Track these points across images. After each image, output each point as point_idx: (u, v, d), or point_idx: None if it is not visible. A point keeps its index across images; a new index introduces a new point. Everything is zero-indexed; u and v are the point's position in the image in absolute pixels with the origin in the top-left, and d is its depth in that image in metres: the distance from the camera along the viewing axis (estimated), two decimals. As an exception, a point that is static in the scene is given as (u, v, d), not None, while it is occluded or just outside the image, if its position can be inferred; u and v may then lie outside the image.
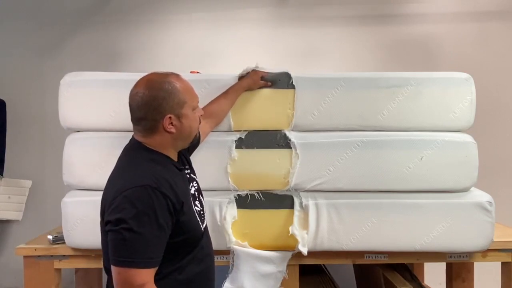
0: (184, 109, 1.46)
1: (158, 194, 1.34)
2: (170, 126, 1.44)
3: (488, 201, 2.08)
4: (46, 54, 3.31)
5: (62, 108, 2.15)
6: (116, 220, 1.31)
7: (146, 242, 1.31)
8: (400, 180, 2.09)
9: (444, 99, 2.11)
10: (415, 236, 2.07)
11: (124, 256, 1.30)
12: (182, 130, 1.47)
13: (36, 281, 2.15)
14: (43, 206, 3.27)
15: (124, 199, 1.32)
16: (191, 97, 1.50)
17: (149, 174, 1.37)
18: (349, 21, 3.30)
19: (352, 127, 2.14)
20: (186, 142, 1.54)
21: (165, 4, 3.32)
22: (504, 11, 3.27)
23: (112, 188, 1.40)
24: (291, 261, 2.12)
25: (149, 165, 1.42)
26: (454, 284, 2.36)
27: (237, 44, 3.28)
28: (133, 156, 1.48)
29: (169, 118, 1.43)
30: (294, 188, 2.12)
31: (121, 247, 1.31)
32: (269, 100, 2.12)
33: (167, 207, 1.35)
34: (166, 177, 1.40)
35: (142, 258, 1.31)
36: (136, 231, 1.30)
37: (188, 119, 1.48)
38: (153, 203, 1.32)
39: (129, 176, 1.39)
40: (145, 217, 1.31)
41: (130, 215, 1.30)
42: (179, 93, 1.45)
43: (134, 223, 1.30)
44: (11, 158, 3.25)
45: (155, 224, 1.32)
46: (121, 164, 1.48)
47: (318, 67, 3.26)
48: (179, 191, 1.41)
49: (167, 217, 1.36)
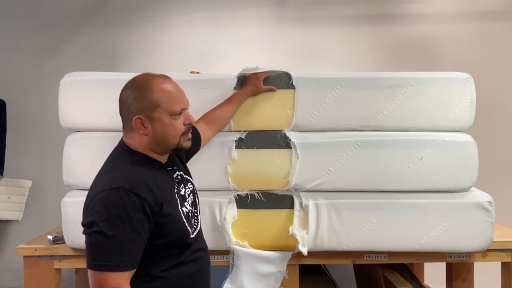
0: (156, 112, 1.40)
1: (132, 196, 1.31)
2: (141, 127, 1.41)
3: (488, 201, 2.08)
4: (46, 54, 3.31)
5: (62, 108, 2.15)
6: (88, 223, 1.30)
7: (119, 245, 1.29)
8: (400, 180, 2.09)
9: (444, 99, 2.11)
10: (415, 236, 2.07)
11: (97, 260, 1.29)
12: (154, 134, 1.42)
13: (36, 281, 2.15)
14: (43, 206, 3.27)
15: (97, 202, 1.31)
16: (169, 101, 1.42)
17: (124, 176, 1.35)
18: (349, 21, 3.30)
19: (352, 127, 2.14)
20: (163, 147, 1.46)
21: (165, 4, 3.32)
22: (504, 11, 3.27)
23: (90, 191, 1.39)
24: (291, 261, 2.12)
25: (128, 166, 1.40)
26: (454, 284, 2.36)
27: (237, 44, 3.28)
28: (115, 158, 1.46)
29: (139, 119, 1.40)
30: (294, 188, 2.12)
31: (94, 250, 1.30)
32: (269, 100, 2.12)
33: (142, 209, 1.32)
34: (144, 178, 1.37)
35: (115, 261, 1.28)
36: (107, 234, 1.27)
37: (161, 124, 1.42)
38: (125, 205, 1.30)
39: (106, 179, 1.37)
40: (117, 219, 1.28)
41: (102, 218, 1.28)
42: (152, 95, 1.40)
43: (105, 226, 1.28)
44: (11, 158, 3.25)
45: (128, 226, 1.29)
46: (104, 167, 1.47)
47: (318, 67, 3.26)
48: (158, 192, 1.38)
49: (142, 219, 1.33)
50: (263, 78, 2.09)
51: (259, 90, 2.08)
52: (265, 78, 2.10)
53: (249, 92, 2.07)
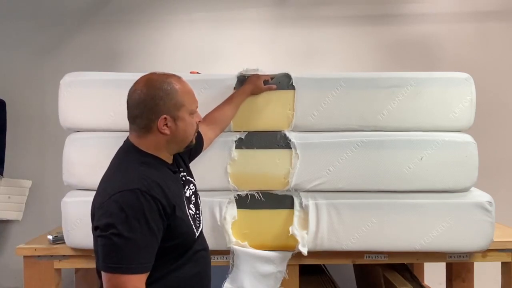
0: (180, 111, 1.44)
1: (148, 198, 1.31)
2: (165, 128, 1.42)
3: (488, 201, 2.08)
4: (46, 54, 3.31)
5: (62, 108, 2.15)
6: (105, 226, 1.28)
7: (137, 247, 1.28)
8: (400, 180, 2.09)
9: (444, 99, 2.11)
10: (415, 236, 2.07)
11: (114, 262, 1.27)
12: (176, 133, 1.45)
13: (36, 281, 2.15)
14: (43, 206, 3.27)
15: (113, 204, 1.29)
16: (190, 101, 1.47)
17: (139, 177, 1.34)
18: (349, 21, 3.30)
19: (352, 127, 2.14)
20: (180, 146, 1.50)
21: (165, 4, 3.32)
22: (504, 11, 3.27)
23: (101, 192, 1.37)
24: (291, 261, 2.12)
25: (140, 168, 1.39)
26: (454, 284, 2.36)
27: (237, 44, 3.28)
28: (124, 159, 1.45)
29: (164, 119, 1.41)
30: (294, 188, 2.12)
31: (111, 253, 1.28)
32: (269, 101, 2.12)
33: (157, 211, 1.32)
34: (157, 180, 1.37)
35: (133, 263, 1.28)
36: (125, 237, 1.26)
37: (184, 122, 1.45)
38: (142, 207, 1.29)
39: (118, 179, 1.36)
40: (135, 221, 1.28)
41: (119, 220, 1.27)
42: (177, 95, 1.43)
43: (123, 228, 1.26)
44: (11, 158, 3.25)
45: (145, 228, 1.29)
46: (112, 167, 1.46)
47: (318, 67, 3.26)
48: (171, 194, 1.39)
49: (158, 220, 1.33)
50: (264, 79, 2.09)
51: (260, 89, 2.09)
52: (265, 80, 2.10)
53: (249, 91, 2.07)
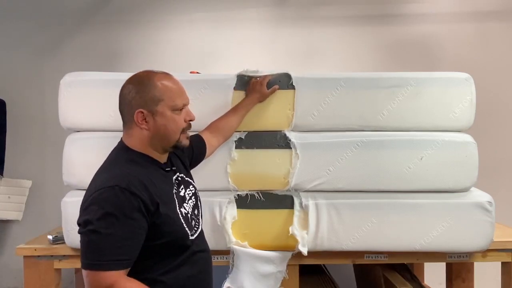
0: (159, 106, 1.42)
1: (128, 194, 1.30)
2: (143, 122, 1.42)
3: (488, 201, 2.08)
4: (46, 54, 3.31)
5: (62, 108, 2.15)
6: (84, 222, 1.30)
7: (114, 243, 1.28)
8: (400, 180, 2.09)
9: (444, 99, 2.11)
10: (415, 236, 2.07)
11: (91, 259, 1.28)
12: (156, 129, 1.43)
13: (36, 281, 2.15)
14: (43, 206, 3.27)
15: (92, 201, 1.31)
16: (172, 96, 1.44)
17: (121, 175, 1.35)
18: (349, 21, 3.30)
19: (352, 127, 2.14)
20: (165, 143, 1.47)
21: (165, 4, 3.32)
22: (504, 11, 3.27)
23: (86, 191, 1.39)
24: (291, 261, 2.12)
25: (125, 165, 1.40)
26: (454, 284, 2.36)
27: (237, 44, 3.28)
28: (113, 158, 1.47)
29: (141, 113, 1.41)
30: (294, 188, 2.12)
31: (88, 250, 1.29)
32: (269, 101, 2.11)
33: (138, 208, 1.31)
34: (140, 177, 1.36)
35: (108, 260, 1.27)
36: (102, 233, 1.27)
37: (164, 118, 1.43)
38: (121, 204, 1.29)
39: (101, 178, 1.37)
40: (112, 218, 1.27)
41: (97, 216, 1.27)
42: (155, 89, 1.42)
43: (100, 224, 1.27)
44: (11, 158, 3.25)
45: (123, 224, 1.29)
46: (101, 167, 1.47)
47: (318, 67, 3.26)
48: (155, 192, 1.37)
49: (139, 217, 1.32)
50: (267, 81, 2.08)
51: (265, 96, 2.08)
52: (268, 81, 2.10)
53: (255, 100, 2.07)
